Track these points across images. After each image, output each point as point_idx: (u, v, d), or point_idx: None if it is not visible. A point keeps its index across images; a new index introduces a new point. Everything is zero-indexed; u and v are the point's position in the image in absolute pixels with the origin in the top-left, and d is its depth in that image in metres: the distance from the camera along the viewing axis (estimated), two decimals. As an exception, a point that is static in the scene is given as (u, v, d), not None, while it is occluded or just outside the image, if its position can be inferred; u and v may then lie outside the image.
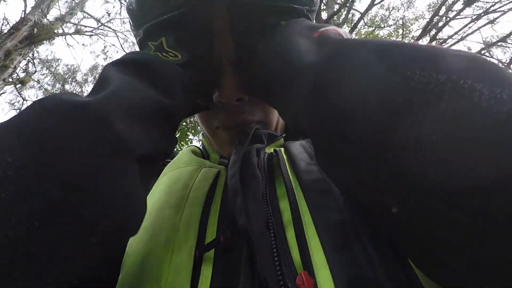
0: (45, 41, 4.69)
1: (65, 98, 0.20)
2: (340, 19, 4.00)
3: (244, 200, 0.27)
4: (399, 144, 0.15)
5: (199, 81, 0.32)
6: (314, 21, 0.35)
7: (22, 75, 4.89)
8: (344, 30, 0.29)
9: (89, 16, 5.87)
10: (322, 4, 3.18)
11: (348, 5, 3.58)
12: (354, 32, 4.14)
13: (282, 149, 0.36)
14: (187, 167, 0.37)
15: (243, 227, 0.25)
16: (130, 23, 0.35)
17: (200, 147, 0.47)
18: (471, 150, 0.13)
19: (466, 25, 3.35)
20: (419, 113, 0.15)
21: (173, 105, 0.27)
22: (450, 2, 3.38)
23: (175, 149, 0.38)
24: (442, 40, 3.48)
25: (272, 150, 0.37)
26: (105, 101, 0.22)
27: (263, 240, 0.24)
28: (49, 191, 0.17)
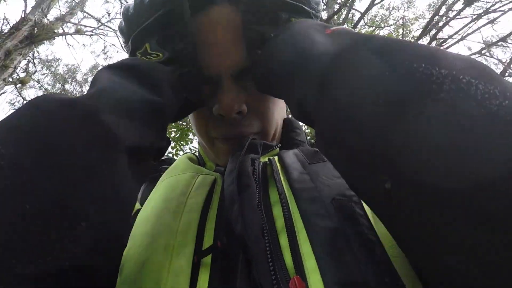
0: (45, 41, 4.69)
1: (55, 97, 0.22)
2: (340, 19, 4.00)
3: (240, 208, 0.28)
4: (403, 131, 0.17)
5: (184, 74, 0.33)
6: None
7: (22, 75, 4.89)
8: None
9: (89, 16, 5.87)
10: (322, 3, 3.17)
11: (348, 4, 3.58)
12: (354, 32, 4.12)
13: (276, 158, 0.37)
14: (184, 174, 0.38)
15: (239, 234, 0.26)
16: (122, 41, 0.37)
17: (196, 155, 0.48)
18: (466, 138, 0.15)
19: (466, 25, 3.35)
20: (420, 102, 0.16)
21: (161, 102, 0.29)
22: (450, 2, 3.38)
23: (170, 149, 0.38)
24: (442, 40, 3.48)
25: (266, 159, 0.37)
26: (93, 97, 0.23)
27: (258, 246, 0.25)
28: (41, 179, 0.18)
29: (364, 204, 0.28)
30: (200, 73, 0.35)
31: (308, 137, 0.50)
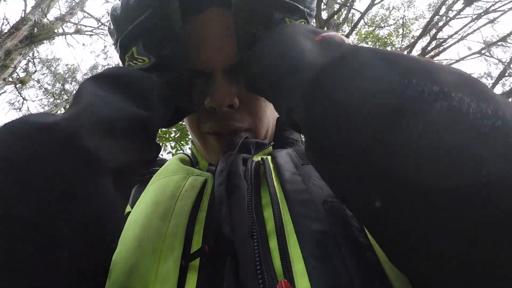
0: (45, 41, 4.69)
1: (32, 120, 0.21)
2: (340, 19, 4.00)
3: (228, 209, 0.27)
4: (392, 144, 0.16)
5: (172, 81, 0.32)
6: (314, 23, 0.36)
7: (22, 74, 4.89)
8: (345, 38, 0.29)
9: (89, 16, 5.87)
10: (322, 3, 3.18)
11: (348, 4, 3.58)
12: (354, 32, 4.14)
13: (269, 157, 0.37)
14: (174, 176, 0.37)
15: (227, 236, 0.25)
16: (113, 43, 0.36)
17: (189, 154, 0.48)
18: (456, 155, 0.14)
19: (466, 25, 3.35)
20: (412, 118, 0.16)
21: (148, 115, 0.28)
22: (450, 2, 3.37)
23: (170, 149, 0.38)
24: (442, 40, 3.48)
25: (259, 158, 0.37)
26: (74, 118, 0.22)
27: (246, 248, 0.25)
28: (19, 211, 0.17)
29: None
30: (188, 79, 0.34)
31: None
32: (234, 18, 0.32)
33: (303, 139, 0.48)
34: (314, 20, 0.37)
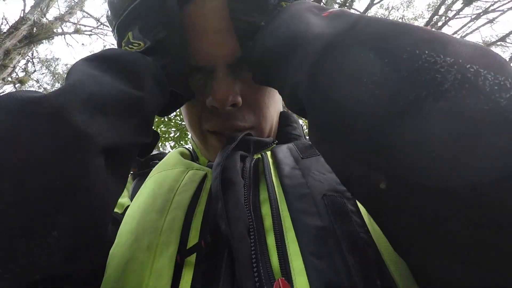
0: (44, 41, 4.68)
1: (20, 95, 0.20)
2: (340, 19, 3.99)
3: (224, 205, 0.27)
4: (399, 125, 0.16)
5: (167, 65, 0.31)
6: None
7: (21, 74, 4.88)
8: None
9: (88, 16, 5.86)
10: (322, 3, 3.16)
11: (347, 4, 3.57)
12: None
13: (269, 153, 0.36)
14: (173, 169, 0.37)
15: (224, 232, 0.25)
16: (111, 32, 0.36)
17: (190, 149, 0.47)
18: (470, 135, 0.14)
19: (465, 25, 3.35)
20: (423, 95, 0.15)
21: (141, 96, 0.26)
22: (450, 2, 3.37)
23: (169, 148, 0.37)
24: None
25: (259, 155, 0.36)
26: (62, 94, 0.21)
27: (242, 246, 0.24)
28: (3, 188, 0.16)
29: None
30: (185, 64, 0.33)
31: (305, 127, 0.50)
32: (228, 7, 0.31)
33: (306, 136, 0.48)
34: None
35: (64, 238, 0.18)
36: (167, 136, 3.24)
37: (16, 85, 4.83)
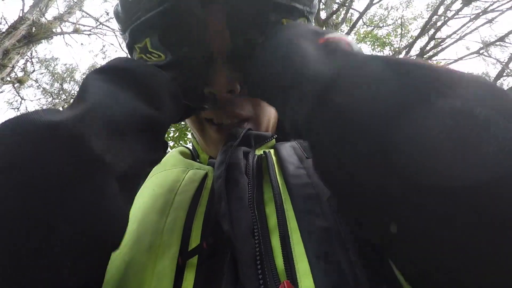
0: (43, 40, 4.67)
1: (37, 118, 0.19)
2: (339, 19, 4.00)
3: (228, 205, 0.26)
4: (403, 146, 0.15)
5: (186, 81, 0.31)
6: (313, 22, 0.35)
7: (20, 74, 4.87)
8: (351, 39, 0.27)
9: (87, 15, 5.85)
10: (321, 3, 3.18)
11: (347, 4, 3.58)
12: (353, 32, 4.13)
13: (272, 150, 0.35)
14: (173, 169, 0.36)
15: (226, 233, 0.25)
16: (118, 28, 0.34)
17: (190, 147, 0.47)
18: (468, 149, 0.13)
19: (464, 25, 3.35)
20: (430, 137, 0.15)
21: (160, 116, 0.26)
22: (449, 2, 3.38)
23: (169, 149, 0.37)
24: (440, 40, 3.48)
25: (262, 152, 0.36)
26: (81, 118, 0.20)
27: (245, 247, 0.24)
28: (20, 214, 0.16)
29: None
30: (204, 82, 0.33)
31: None
32: (227, 23, 0.30)
33: None
34: (313, 20, 0.35)
35: (78, 265, 0.18)
36: (166, 136, 3.23)
37: (15, 85, 4.82)
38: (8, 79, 4.57)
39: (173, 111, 0.29)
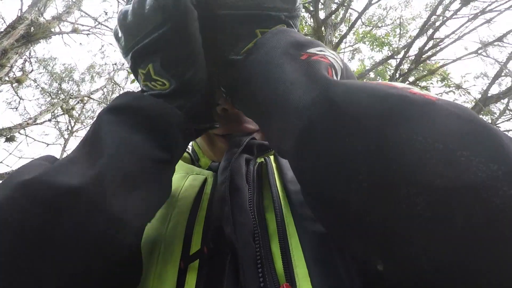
0: (41, 40, 4.65)
1: (52, 182, 0.19)
2: (338, 19, 4.00)
3: (231, 209, 0.27)
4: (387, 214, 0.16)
5: (194, 107, 0.30)
6: (311, 23, 0.35)
7: (18, 74, 4.86)
8: (334, 53, 0.27)
9: (86, 15, 5.83)
10: (320, 3, 3.18)
11: (345, 4, 3.58)
12: (351, 32, 4.14)
13: (272, 157, 0.36)
14: (174, 175, 0.37)
15: (228, 237, 0.25)
16: (119, 51, 0.33)
17: (190, 151, 0.48)
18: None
19: (463, 25, 3.36)
20: (413, 183, 0.16)
21: (172, 158, 0.27)
22: (447, 2, 3.39)
23: None
24: (439, 40, 3.49)
25: (262, 159, 0.37)
26: (101, 180, 0.21)
27: (247, 251, 0.24)
28: (38, 282, 0.17)
29: None
30: (213, 102, 0.33)
31: None
32: (202, 38, 0.29)
33: None
34: (312, 20, 0.35)
35: None
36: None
37: (14, 85, 4.81)
38: (7, 78, 4.56)
39: (183, 147, 0.29)
